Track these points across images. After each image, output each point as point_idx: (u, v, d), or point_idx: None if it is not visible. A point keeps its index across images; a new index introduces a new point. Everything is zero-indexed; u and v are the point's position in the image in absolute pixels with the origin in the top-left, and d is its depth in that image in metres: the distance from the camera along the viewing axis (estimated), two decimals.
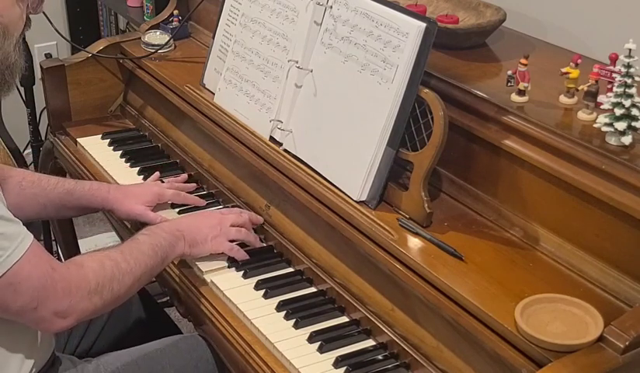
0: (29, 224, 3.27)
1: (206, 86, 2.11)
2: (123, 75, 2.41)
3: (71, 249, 2.55)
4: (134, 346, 1.72)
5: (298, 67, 1.79)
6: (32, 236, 1.43)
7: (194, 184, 2.03)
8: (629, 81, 1.38)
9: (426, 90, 1.57)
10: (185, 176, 2.05)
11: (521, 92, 1.57)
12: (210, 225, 1.73)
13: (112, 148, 2.23)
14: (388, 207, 1.62)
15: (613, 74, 1.47)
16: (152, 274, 1.63)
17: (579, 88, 1.53)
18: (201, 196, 1.98)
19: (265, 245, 1.81)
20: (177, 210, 1.93)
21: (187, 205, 1.95)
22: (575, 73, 1.54)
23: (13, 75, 1.51)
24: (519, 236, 1.52)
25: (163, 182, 2.01)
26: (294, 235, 1.76)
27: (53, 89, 2.32)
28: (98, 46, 2.36)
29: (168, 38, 2.32)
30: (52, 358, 1.63)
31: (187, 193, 1.98)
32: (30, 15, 1.55)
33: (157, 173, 2.04)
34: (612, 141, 1.41)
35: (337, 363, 1.49)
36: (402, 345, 1.50)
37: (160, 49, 2.29)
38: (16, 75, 1.52)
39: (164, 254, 1.63)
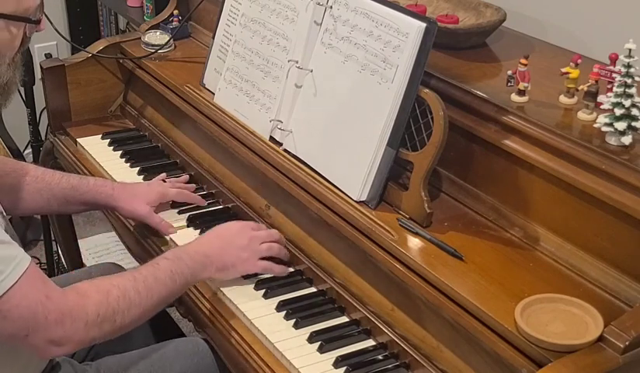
0: (29, 223, 3.28)
1: (206, 86, 2.11)
2: (123, 75, 2.41)
3: (71, 249, 2.55)
4: (135, 349, 1.72)
5: (298, 68, 1.79)
6: (28, 259, 1.37)
7: (194, 185, 2.02)
8: (629, 81, 1.38)
9: (426, 90, 1.57)
10: (186, 176, 2.05)
11: (521, 92, 1.57)
12: (240, 247, 1.66)
13: (112, 148, 2.23)
14: (388, 207, 1.62)
15: (613, 74, 1.47)
16: (168, 301, 1.57)
17: (579, 88, 1.53)
18: (201, 197, 1.98)
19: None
20: (177, 210, 1.93)
21: (189, 205, 1.94)
22: (575, 73, 1.54)
23: (8, 93, 1.47)
24: (519, 236, 1.52)
25: (165, 181, 2.00)
26: (294, 235, 1.76)
27: (53, 89, 2.32)
28: (98, 46, 2.36)
29: (168, 38, 2.32)
30: (51, 362, 1.62)
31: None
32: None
33: (163, 174, 2.02)
34: (612, 141, 1.41)
35: (337, 363, 1.49)
36: (402, 345, 1.50)
37: (160, 49, 2.29)
38: (11, 93, 1.48)
39: (184, 282, 1.57)
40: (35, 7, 1.47)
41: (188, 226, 1.88)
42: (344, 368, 1.48)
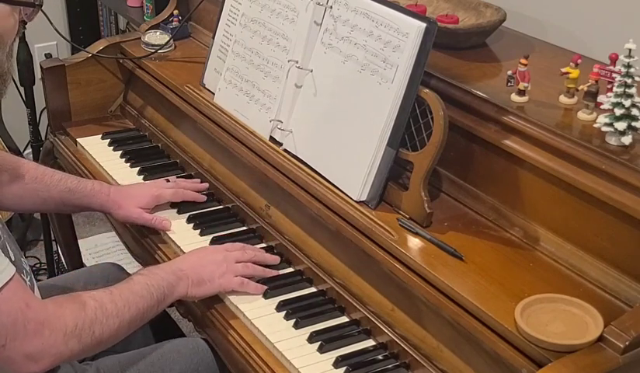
0: (29, 223, 3.27)
1: (207, 86, 2.11)
2: (123, 75, 2.41)
3: (71, 249, 2.55)
4: (135, 349, 1.72)
5: (298, 67, 1.79)
6: (13, 270, 1.36)
7: (206, 184, 1.99)
8: (629, 81, 1.38)
9: (426, 90, 1.57)
10: (203, 186, 2.00)
11: (521, 92, 1.57)
12: (215, 262, 1.65)
13: (112, 148, 2.23)
14: (388, 207, 1.62)
15: (613, 75, 1.47)
16: (146, 317, 1.54)
17: (579, 88, 1.53)
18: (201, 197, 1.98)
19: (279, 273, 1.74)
20: (177, 209, 1.93)
21: (191, 206, 1.94)
22: (575, 73, 1.54)
23: (5, 83, 1.48)
24: (519, 236, 1.52)
25: (168, 181, 1.99)
26: (294, 235, 1.76)
27: (53, 89, 2.32)
28: (98, 46, 2.36)
29: (168, 38, 2.32)
30: None
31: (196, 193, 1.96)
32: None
33: (172, 178, 2.00)
34: (612, 141, 1.41)
35: (337, 363, 1.49)
36: (402, 345, 1.50)
37: (160, 49, 2.29)
38: (7, 84, 1.49)
39: (161, 296, 1.55)
40: None
41: (190, 226, 1.88)
42: (344, 368, 1.48)
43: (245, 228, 1.88)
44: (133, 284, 1.54)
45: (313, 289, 1.69)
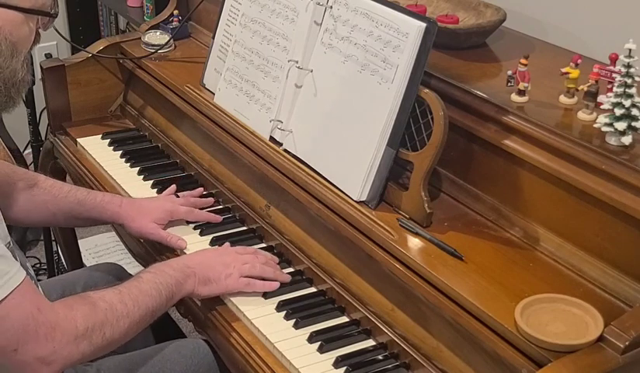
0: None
1: (207, 86, 2.11)
2: (123, 75, 2.41)
3: (72, 249, 2.55)
4: (135, 350, 1.72)
5: (298, 68, 1.79)
6: (23, 274, 1.36)
7: (211, 199, 1.96)
8: (629, 81, 1.39)
9: (426, 90, 1.57)
10: (200, 190, 1.99)
11: (521, 92, 1.57)
12: (223, 263, 1.64)
13: (112, 148, 2.23)
14: (388, 207, 1.62)
15: (613, 75, 1.47)
16: (155, 315, 1.54)
17: (579, 88, 1.53)
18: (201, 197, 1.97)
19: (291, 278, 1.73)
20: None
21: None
22: (575, 73, 1.54)
23: (19, 92, 1.47)
24: (519, 236, 1.52)
25: (178, 196, 1.94)
26: (294, 235, 1.76)
27: (53, 89, 2.32)
28: (98, 46, 2.36)
29: (168, 38, 2.32)
30: None
31: (202, 209, 1.92)
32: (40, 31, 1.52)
33: (173, 187, 1.97)
34: (612, 141, 1.41)
35: (337, 363, 1.49)
36: (402, 345, 1.50)
37: (160, 49, 2.29)
38: (22, 92, 1.48)
39: (169, 294, 1.55)
40: (51, 1, 1.49)
41: (190, 226, 1.88)
42: (344, 368, 1.48)
43: (245, 228, 1.88)
44: (142, 283, 1.53)
45: (313, 289, 1.69)
